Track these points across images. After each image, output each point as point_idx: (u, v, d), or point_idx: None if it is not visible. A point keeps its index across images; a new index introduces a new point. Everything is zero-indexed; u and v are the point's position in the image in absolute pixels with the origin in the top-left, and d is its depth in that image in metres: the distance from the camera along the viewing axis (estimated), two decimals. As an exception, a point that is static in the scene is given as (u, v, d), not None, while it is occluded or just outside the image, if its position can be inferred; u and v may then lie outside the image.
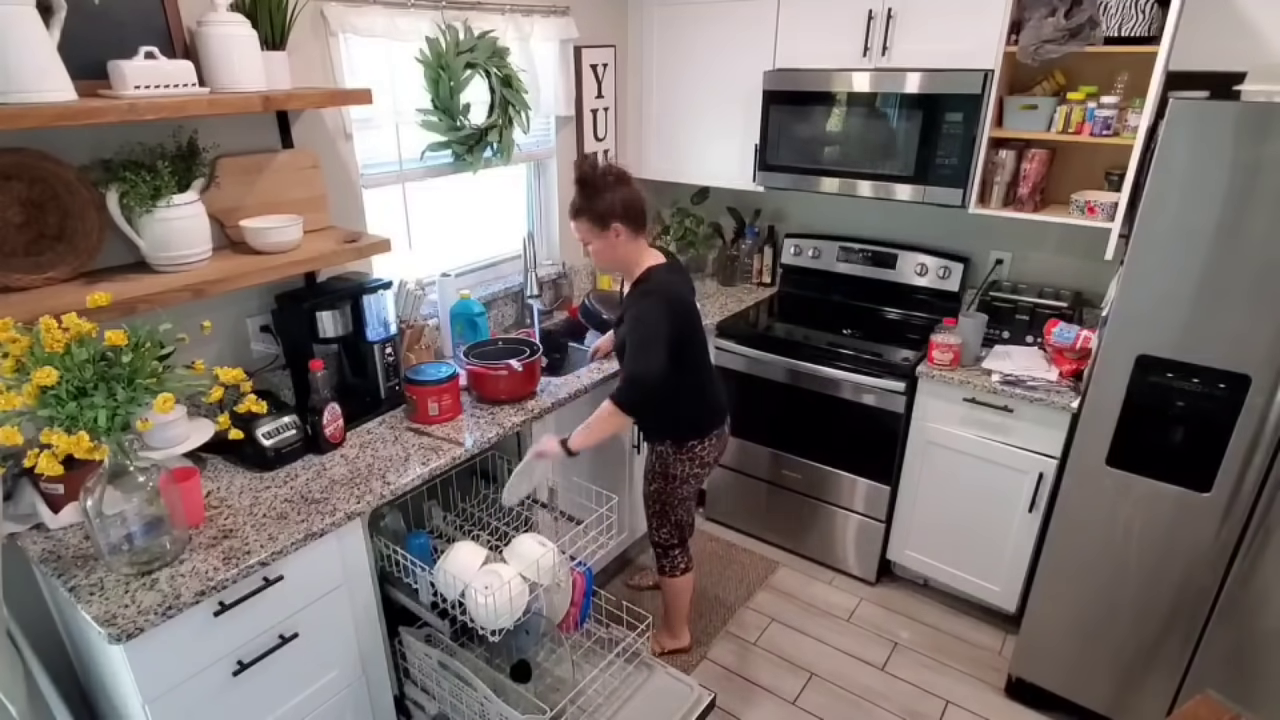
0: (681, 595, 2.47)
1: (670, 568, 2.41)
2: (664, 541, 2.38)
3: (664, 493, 2.29)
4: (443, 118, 2.35)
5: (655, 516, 2.36)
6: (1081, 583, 2.13)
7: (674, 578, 2.42)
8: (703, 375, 2.18)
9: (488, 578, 1.71)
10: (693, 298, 2.16)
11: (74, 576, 1.46)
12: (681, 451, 2.22)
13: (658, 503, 2.33)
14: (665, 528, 2.36)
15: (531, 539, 1.84)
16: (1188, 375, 1.83)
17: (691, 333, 2.10)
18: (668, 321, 1.98)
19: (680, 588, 2.44)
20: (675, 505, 2.31)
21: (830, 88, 2.58)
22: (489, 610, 1.68)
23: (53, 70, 1.44)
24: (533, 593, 1.77)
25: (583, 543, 2.01)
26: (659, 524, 2.36)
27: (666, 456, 2.24)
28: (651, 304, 1.99)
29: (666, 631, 2.55)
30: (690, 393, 2.16)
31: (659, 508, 2.33)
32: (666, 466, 2.25)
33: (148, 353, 1.36)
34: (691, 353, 2.10)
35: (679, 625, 2.54)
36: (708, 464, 2.27)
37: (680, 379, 2.09)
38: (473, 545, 1.81)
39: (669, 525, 2.35)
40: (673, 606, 2.50)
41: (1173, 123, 1.69)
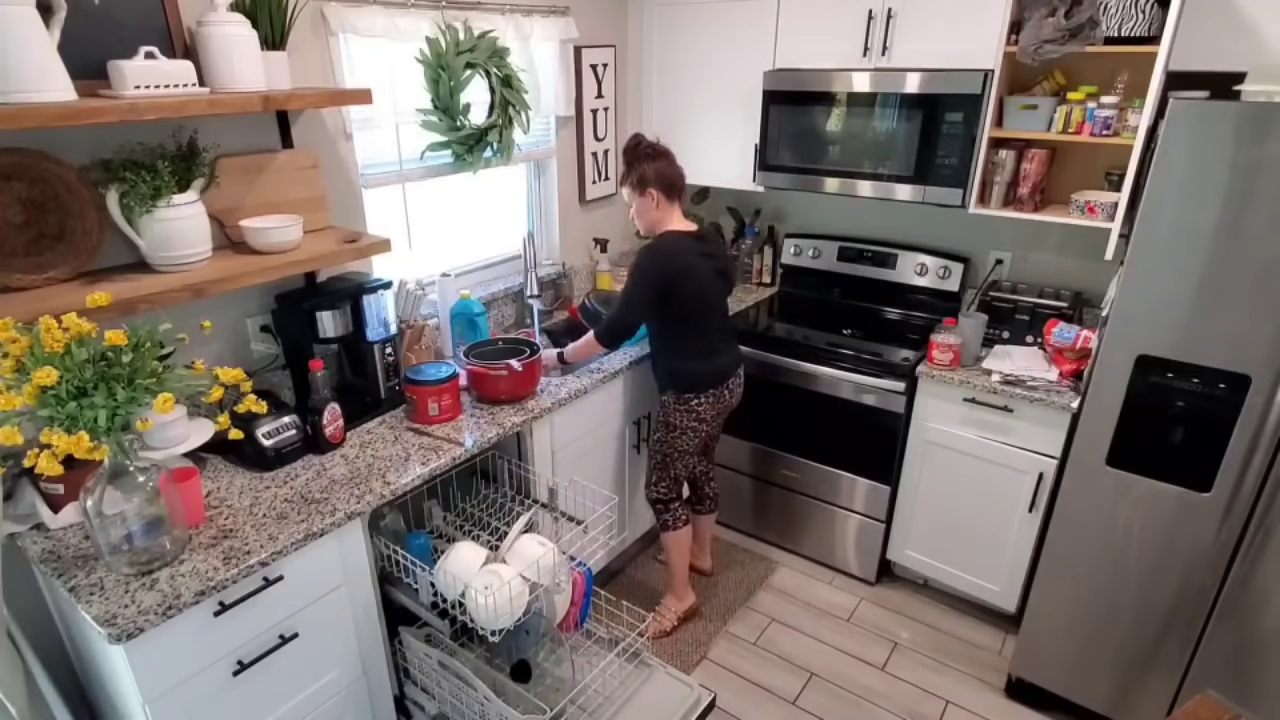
0: (680, 550, 2.59)
1: (672, 521, 2.54)
2: (662, 496, 2.52)
3: (664, 442, 2.44)
4: (443, 118, 2.35)
5: (656, 469, 2.50)
6: (1081, 583, 2.13)
7: (674, 530, 2.55)
8: (702, 335, 2.33)
9: (488, 578, 1.71)
10: (709, 266, 2.29)
11: (74, 576, 1.46)
12: (679, 403, 2.38)
13: (659, 453, 2.47)
14: (664, 482, 2.50)
15: (531, 539, 1.84)
16: (1188, 375, 1.83)
17: (690, 292, 2.25)
18: (655, 274, 2.21)
19: (681, 540, 2.57)
20: (675, 458, 2.46)
21: (830, 88, 2.58)
22: (489, 610, 1.68)
23: (53, 70, 1.44)
24: (533, 593, 1.77)
25: (583, 543, 2.01)
26: (659, 476, 2.50)
27: (668, 406, 2.40)
28: (645, 256, 2.23)
29: (671, 595, 2.66)
30: (687, 349, 2.33)
31: (660, 458, 2.48)
32: (667, 415, 2.41)
33: (148, 353, 1.36)
34: (688, 311, 2.28)
35: (681, 585, 2.65)
36: (704, 420, 2.40)
37: (676, 334, 2.32)
38: (473, 545, 1.81)
39: (668, 479, 2.50)
40: (673, 564, 2.62)
41: (1173, 123, 1.69)
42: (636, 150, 2.29)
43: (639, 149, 2.29)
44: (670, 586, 2.67)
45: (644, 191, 2.27)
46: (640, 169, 2.27)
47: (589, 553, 2.04)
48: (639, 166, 2.27)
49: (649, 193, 2.27)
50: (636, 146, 2.30)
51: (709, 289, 2.30)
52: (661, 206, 2.29)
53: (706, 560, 2.93)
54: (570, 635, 2.10)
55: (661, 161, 2.27)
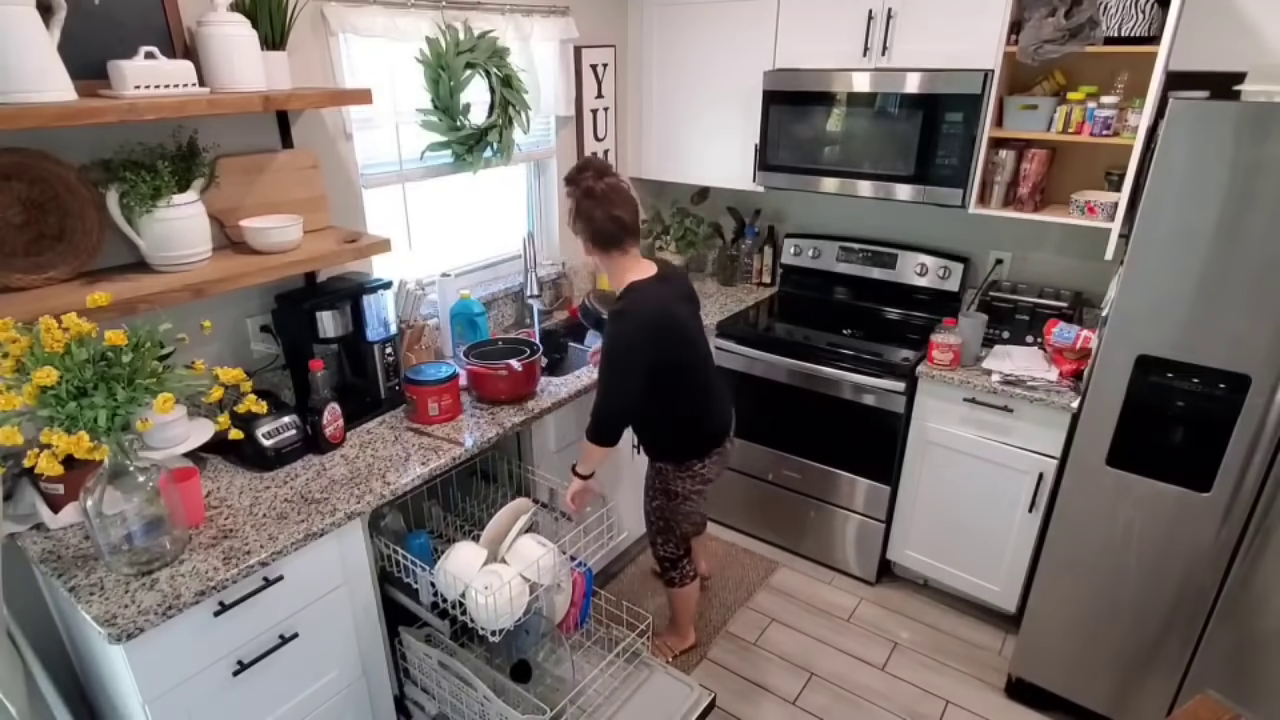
0: (690, 600, 2.47)
1: (679, 579, 2.39)
2: (670, 555, 2.35)
3: (666, 509, 2.25)
4: (443, 118, 2.35)
5: (660, 533, 2.31)
6: (1081, 583, 2.13)
7: (683, 587, 2.41)
8: (698, 396, 2.08)
9: (488, 578, 1.71)
10: (687, 309, 2.07)
11: (74, 576, 1.46)
12: (681, 470, 2.16)
13: (660, 519, 2.28)
14: (670, 543, 2.33)
15: (531, 539, 1.84)
16: (1188, 375, 1.83)
17: (679, 351, 1.99)
18: (639, 348, 1.90)
19: (689, 594, 2.44)
20: (679, 521, 2.27)
21: (830, 88, 2.58)
22: (489, 610, 1.68)
23: (53, 70, 1.44)
24: (533, 593, 1.77)
25: (583, 543, 2.01)
26: (664, 540, 2.32)
27: (666, 474, 2.19)
28: (619, 328, 1.89)
29: (674, 634, 2.56)
30: (685, 416, 2.10)
31: (662, 524, 2.29)
32: (667, 484, 2.20)
33: (148, 353, 1.36)
34: (681, 374, 2.02)
35: (687, 627, 2.55)
36: (709, 480, 2.21)
37: (670, 404, 2.05)
38: (473, 545, 1.81)
39: (674, 540, 2.32)
40: (681, 610, 2.49)
41: (1173, 123, 1.69)
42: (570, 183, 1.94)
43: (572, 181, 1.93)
44: (674, 627, 2.54)
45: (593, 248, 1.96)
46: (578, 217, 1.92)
47: (589, 553, 2.04)
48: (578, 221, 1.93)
49: (587, 246, 1.96)
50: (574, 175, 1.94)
51: (691, 337, 2.04)
52: (613, 258, 1.97)
53: (702, 564, 2.88)
54: (570, 635, 2.10)
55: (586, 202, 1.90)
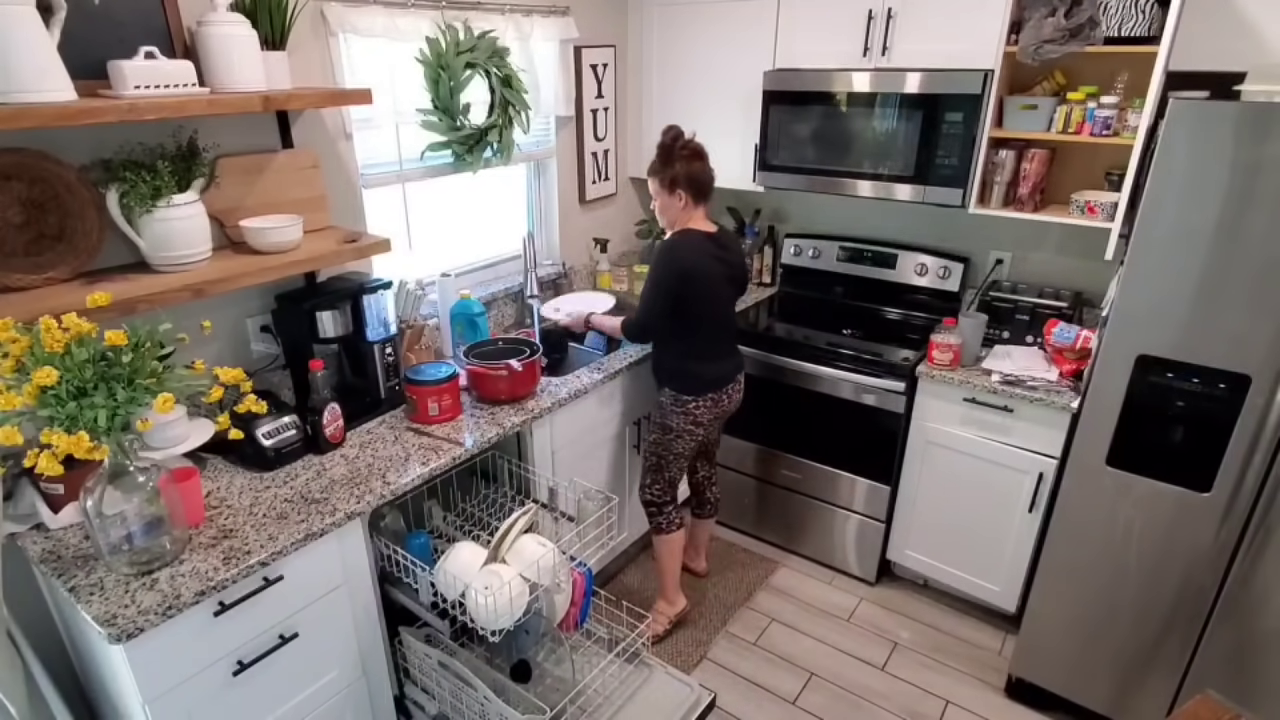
0: (673, 554, 2.57)
1: (666, 524, 2.52)
2: (656, 499, 2.50)
3: (660, 444, 2.43)
4: (443, 118, 2.35)
5: (651, 470, 2.48)
6: (1081, 583, 2.13)
7: (668, 534, 2.53)
8: (704, 336, 2.31)
9: (488, 578, 1.71)
10: (721, 271, 2.28)
11: (74, 576, 1.46)
12: (676, 405, 2.36)
13: (654, 454, 2.46)
14: (659, 484, 2.48)
15: (532, 539, 1.84)
16: (1188, 375, 1.83)
17: (696, 295, 2.23)
18: (670, 275, 2.20)
19: (673, 545, 2.55)
20: (670, 461, 2.44)
21: (830, 88, 2.58)
22: (489, 610, 1.68)
23: (53, 70, 1.44)
24: (533, 593, 1.77)
25: (582, 543, 2.01)
26: (653, 480, 2.48)
27: (665, 407, 2.39)
28: (661, 256, 2.22)
29: (662, 599, 2.64)
30: (688, 349, 2.32)
31: (654, 460, 2.46)
32: (665, 417, 2.39)
33: (148, 353, 1.36)
34: (692, 311, 2.25)
35: (673, 589, 2.63)
36: (700, 424, 2.39)
37: (679, 333, 2.30)
38: (473, 545, 1.81)
39: (662, 481, 2.47)
40: (665, 567, 2.59)
41: (1173, 123, 1.69)
42: (673, 148, 2.24)
43: (675, 147, 2.24)
44: (661, 590, 2.64)
45: (673, 191, 2.24)
46: (673, 168, 2.22)
47: (589, 553, 2.04)
48: (673, 165, 2.23)
49: (677, 193, 2.24)
50: (673, 143, 2.25)
51: (717, 291, 2.28)
52: (688, 208, 2.26)
53: (702, 563, 2.92)
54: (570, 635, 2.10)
55: (697, 164, 2.23)
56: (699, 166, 2.23)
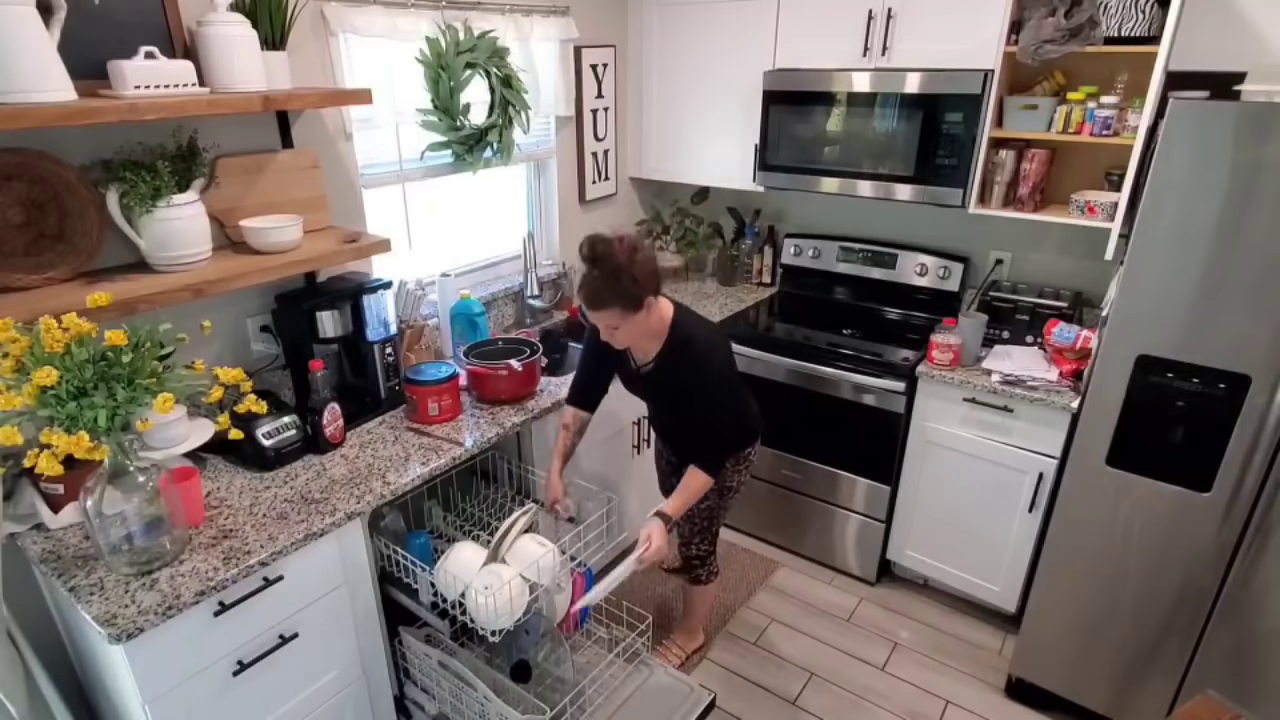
0: (708, 601, 2.48)
1: (706, 576, 2.38)
2: (702, 554, 2.33)
3: (716, 508, 2.24)
4: (443, 118, 2.35)
5: (699, 533, 2.28)
6: (1081, 583, 2.13)
7: (708, 584, 2.40)
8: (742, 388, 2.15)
9: (488, 578, 1.71)
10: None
11: (74, 576, 1.46)
12: (739, 464, 2.19)
13: (706, 519, 2.26)
14: (706, 541, 2.31)
15: (531, 539, 1.84)
16: (1188, 375, 1.83)
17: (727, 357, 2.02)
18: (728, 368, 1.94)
19: (712, 592, 2.45)
20: (720, 517, 2.29)
21: (830, 88, 2.58)
22: (489, 610, 1.68)
23: (53, 70, 1.44)
24: (533, 593, 1.77)
25: (583, 543, 2.01)
26: (701, 539, 2.30)
27: (725, 471, 2.13)
28: (717, 360, 1.90)
29: (686, 634, 2.55)
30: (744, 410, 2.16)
31: (706, 523, 2.27)
32: (723, 480, 2.16)
33: (148, 353, 1.36)
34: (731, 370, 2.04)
35: (698, 629, 2.55)
36: (753, 464, 2.25)
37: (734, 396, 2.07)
38: (473, 545, 1.81)
39: (709, 538, 2.31)
40: (699, 611, 2.50)
41: (1173, 123, 1.69)
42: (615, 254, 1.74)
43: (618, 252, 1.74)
44: (685, 627, 2.54)
45: (639, 306, 1.78)
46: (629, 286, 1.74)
47: (589, 553, 2.04)
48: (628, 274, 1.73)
49: (646, 303, 1.79)
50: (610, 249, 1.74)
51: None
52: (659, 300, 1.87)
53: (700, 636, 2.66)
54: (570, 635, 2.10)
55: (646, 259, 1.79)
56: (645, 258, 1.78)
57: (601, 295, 1.76)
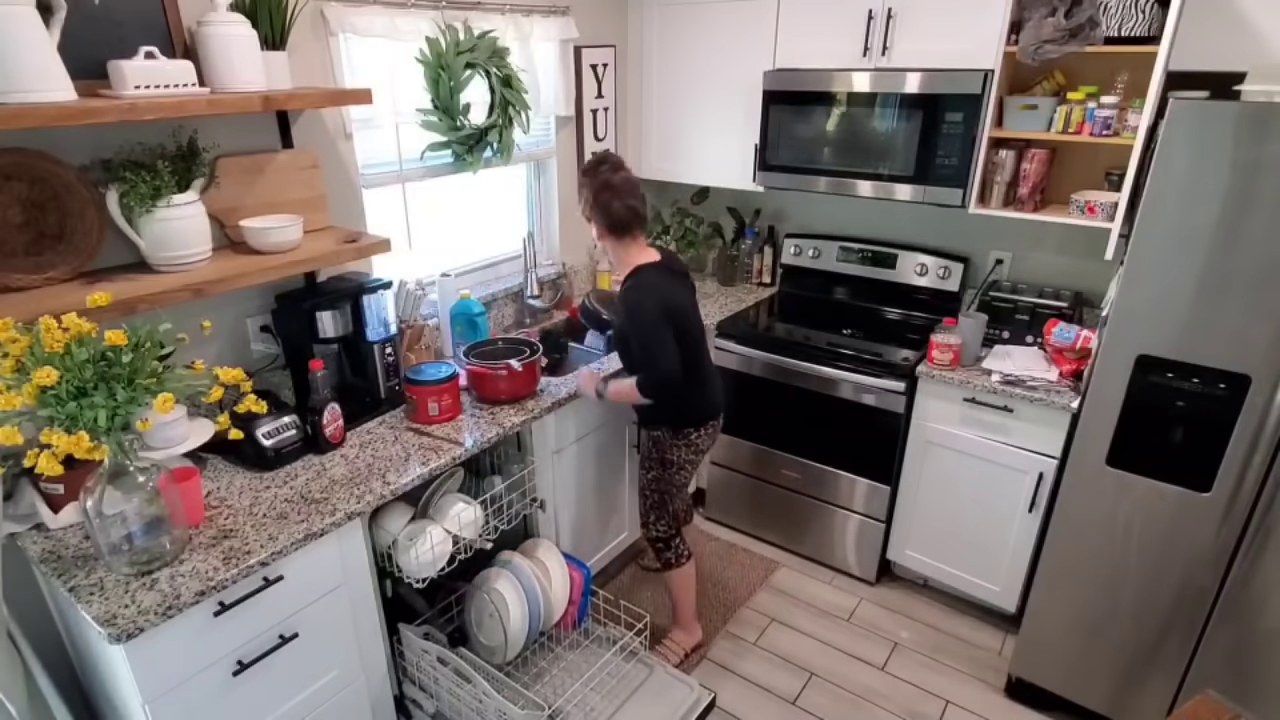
0: (688, 586, 2.46)
1: (675, 559, 2.40)
2: (663, 535, 2.38)
3: (661, 480, 2.31)
4: (443, 118, 2.35)
5: (654, 509, 2.36)
6: (1081, 583, 2.13)
7: (679, 568, 2.41)
8: (698, 369, 2.18)
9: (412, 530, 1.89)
10: (688, 296, 2.18)
11: (74, 576, 1.46)
12: (678, 438, 2.24)
13: (655, 492, 2.33)
14: (663, 520, 2.36)
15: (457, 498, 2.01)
16: (1188, 375, 1.83)
17: (685, 327, 2.11)
18: (653, 309, 2.03)
19: (686, 577, 2.44)
20: (673, 494, 2.33)
21: (830, 88, 2.58)
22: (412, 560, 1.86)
23: (53, 70, 1.44)
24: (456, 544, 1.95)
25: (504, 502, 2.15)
26: (656, 516, 2.36)
27: (663, 442, 2.26)
28: (640, 300, 2.04)
29: (680, 629, 2.54)
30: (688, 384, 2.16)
31: (657, 498, 2.34)
32: (663, 453, 2.27)
33: (148, 353, 1.37)
34: (685, 346, 2.11)
35: (690, 619, 2.54)
36: (701, 451, 2.29)
37: None
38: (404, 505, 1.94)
39: (666, 517, 2.36)
40: (681, 600, 2.48)
41: (1173, 123, 1.69)
42: (588, 170, 2.11)
43: (590, 170, 2.11)
44: (676, 620, 2.53)
45: (589, 219, 2.11)
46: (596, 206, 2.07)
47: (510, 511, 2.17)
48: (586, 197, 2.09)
49: (592, 226, 2.11)
50: (591, 167, 2.11)
51: (691, 315, 2.17)
52: (614, 243, 2.12)
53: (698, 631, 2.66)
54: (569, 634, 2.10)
55: (605, 194, 2.05)
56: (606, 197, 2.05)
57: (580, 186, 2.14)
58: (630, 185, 2.08)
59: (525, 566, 2.06)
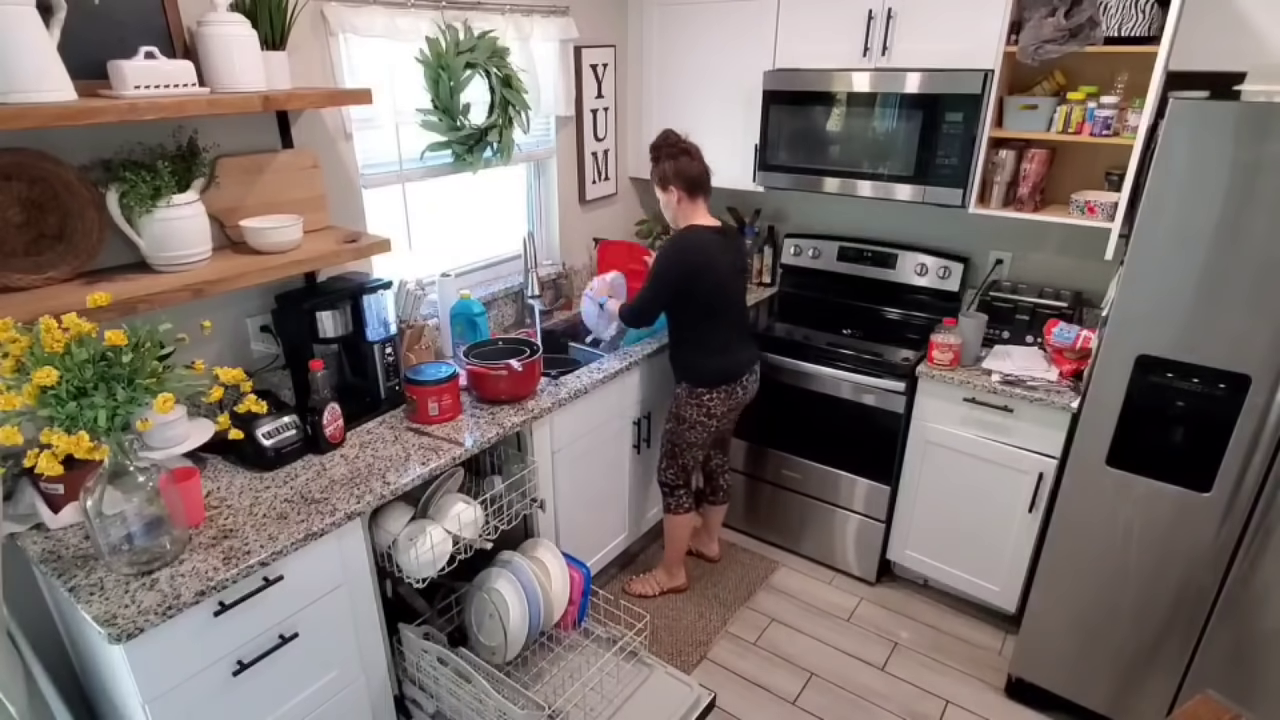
0: (681, 533, 2.69)
1: (675, 505, 2.63)
2: (670, 481, 2.61)
3: (674, 433, 2.53)
4: (443, 118, 2.35)
5: (666, 455, 2.60)
6: (1081, 583, 2.13)
7: (676, 514, 2.64)
8: (718, 330, 2.39)
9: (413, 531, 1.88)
10: (726, 267, 2.34)
11: (74, 576, 1.46)
12: (691, 397, 2.43)
13: (669, 442, 2.57)
14: (672, 468, 2.59)
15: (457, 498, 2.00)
16: (1188, 375, 1.83)
17: (708, 286, 2.31)
18: (673, 269, 2.28)
19: (681, 525, 2.67)
20: (683, 449, 2.54)
21: (830, 88, 2.58)
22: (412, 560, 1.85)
23: (53, 70, 1.44)
24: (456, 544, 1.95)
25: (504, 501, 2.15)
26: (668, 463, 2.59)
27: (680, 398, 2.47)
28: (667, 249, 2.30)
29: (663, 570, 2.77)
30: (703, 343, 2.39)
31: (669, 447, 2.57)
32: (679, 408, 2.47)
33: (148, 353, 1.36)
34: (706, 305, 2.34)
35: (676, 564, 2.75)
36: (714, 416, 2.46)
37: (693, 327, 2.38)
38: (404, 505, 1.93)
39: (675, 466, 2.58)
40: (672, 543, 2.72)
41: (1173, 123, 1.69)
42: (661, 147, 2.35)
43: (664, 146, 2.34)
44: (664, 563, 2.77)
45: (666, 188, 2.34)
46: (662, 166, 2.33)
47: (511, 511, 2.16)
48: (662, 163, 2.33)
49: (670, 189, 2.33)
50: (662, 143, 2.35)
51: (728, 285, 2.36)
52: (684, 203, 2.33)
53: (715, 548, 3.00)
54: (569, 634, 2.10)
55: (684, 159, 2.31)
56: (686, 161, 2.30)
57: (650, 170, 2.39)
58: (700, 152, 2.35)
59: (525, 566, 2.06)
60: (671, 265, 2.28)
